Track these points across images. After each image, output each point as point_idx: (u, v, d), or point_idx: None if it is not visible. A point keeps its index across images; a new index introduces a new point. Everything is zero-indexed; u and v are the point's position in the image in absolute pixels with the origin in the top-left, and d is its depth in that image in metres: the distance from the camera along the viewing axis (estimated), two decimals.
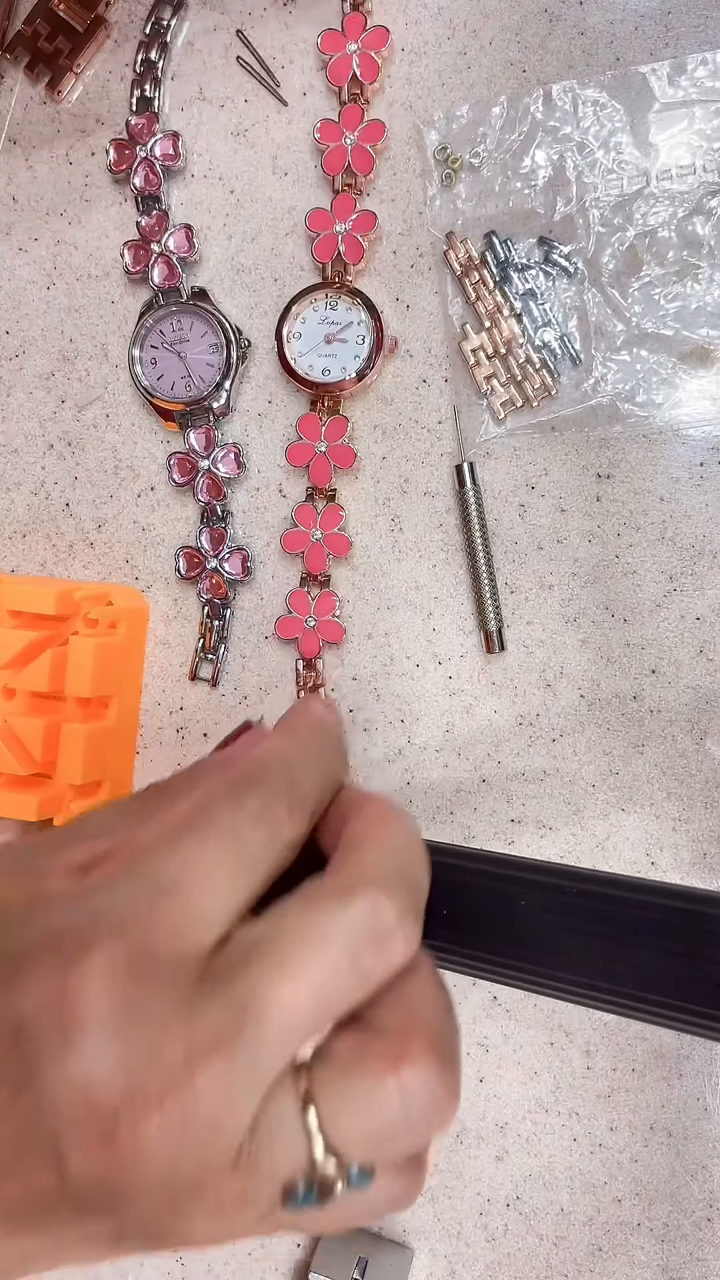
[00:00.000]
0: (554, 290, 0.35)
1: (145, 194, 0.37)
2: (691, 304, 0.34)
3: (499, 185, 0.35)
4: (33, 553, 0.40)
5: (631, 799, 0.35)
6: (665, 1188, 0.35)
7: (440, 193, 0.35)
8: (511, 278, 0.35)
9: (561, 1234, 0.36)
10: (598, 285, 0.35)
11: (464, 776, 0.37)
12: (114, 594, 0.37)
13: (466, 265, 0.35)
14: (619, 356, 0.34)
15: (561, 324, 0.35)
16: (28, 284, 0.39)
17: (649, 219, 0.34)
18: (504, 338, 0.35)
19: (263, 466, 0.38)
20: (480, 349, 0.35)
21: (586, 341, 0.35)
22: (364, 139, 0.35)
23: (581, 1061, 0.36)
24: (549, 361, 0.35)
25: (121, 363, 0.39)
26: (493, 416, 0.36)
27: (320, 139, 0.36)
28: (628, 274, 0.34)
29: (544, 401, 0.35)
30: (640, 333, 0.34)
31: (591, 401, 0.35)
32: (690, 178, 0.34)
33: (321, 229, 0.36)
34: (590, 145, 0.34)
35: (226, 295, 0.38)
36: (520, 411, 0.36)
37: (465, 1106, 0.37)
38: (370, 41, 0.35)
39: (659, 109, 0.34)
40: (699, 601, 0.35)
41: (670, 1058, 0.35)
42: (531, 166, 0.35)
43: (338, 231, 0.36)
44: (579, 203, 0.34)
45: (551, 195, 0.35)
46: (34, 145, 0.39)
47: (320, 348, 0.36)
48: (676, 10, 0.34)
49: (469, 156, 0.35)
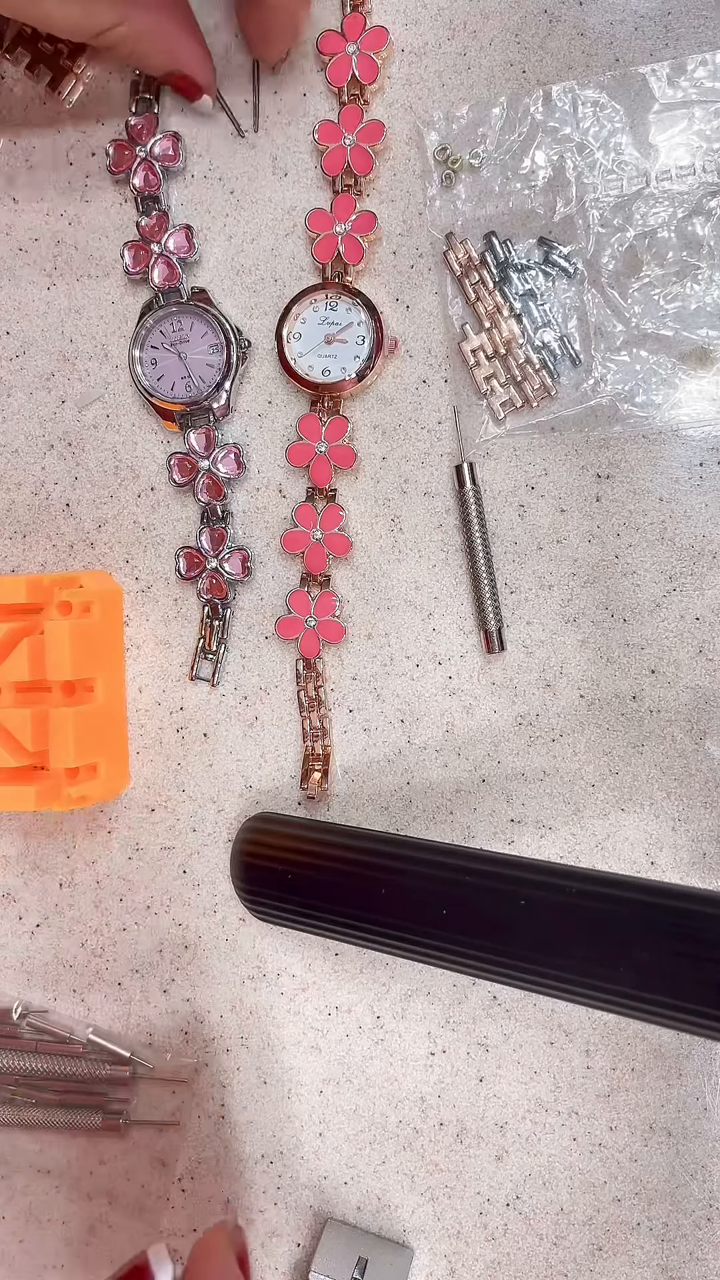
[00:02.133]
0: (554, 291, 0.35)
1: (145, 194, 0.37)
2: (691, 304, 0.34)
3: (499, 186, 0.35)
4: (33, 553, 0.40)
5: (631, 799, 0.35)
6: (665, 1187, 0.35)
7: (440, 193, 0.36)
8: (511, 278, 0.35)
9: (561, 1233, 0.36)
10: (597, 286, 0.35)
11: (464, 776, 0.37)
12: (83, 579, 0.37)
13: (466, 266, 0.35)
14: (619, 357, 0.35)
15: (561, 324, 0.35)
16: (28, 284, 0.39)
17: (649, 219, 0.34)
18: (504, 338, 0.35)
19: (263, 467, 0.38)
20: (480, 349, 0.35)
21: (586, 342, 0.35)
22: (363, 139, 0.35)
23: (581, 1061, 0.36)
24: (549, 362, 0.35)
25: (122, 363, 0.39)
26: (493, 417, 0.36)
27: (320, 140, 0.36)
28: (627, 274, 0.34)
29: (544, 402, 0.35)
30: (640, 333, 0.34)
31: (591, 402, 0.35)
32: (690, 178, 0.34)
33: (321, 229, 0.36)
34: (590, 146, 0.34)
35: (226, 295, 0.38)
36: (520, 412, 0.36)
37: (465, 1106, 0.37)
38: (369, 42, 0.35)
39: (658, 109, 0.34)
40: (699, 601, 0.35)
41: (670, 1057, 0.35)
42: (531, 167, 0.35)
43: (338, 232, 0.36)
44: (579, 203, 0.34)
45: (551, 196, 0.35)
46: (34, 145, 0.39)
47: (320, 348, 0.36)
48: (676, 11, 0.34)
49: (469, 157, 0.35)
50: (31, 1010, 0.40)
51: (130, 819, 0.39)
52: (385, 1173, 0.37)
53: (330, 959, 0.38)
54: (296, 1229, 0.38)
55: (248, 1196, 0.38)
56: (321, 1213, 0.38)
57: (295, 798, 0.38)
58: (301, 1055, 0.38)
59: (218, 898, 0.39)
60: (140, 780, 0.39)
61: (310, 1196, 0.38)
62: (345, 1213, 0.38)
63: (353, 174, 0.36)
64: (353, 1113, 0.37)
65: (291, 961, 0.38)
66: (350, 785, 0.38)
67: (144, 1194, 0.39)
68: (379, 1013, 0.37)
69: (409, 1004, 0.37)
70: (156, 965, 0.39)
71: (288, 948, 0.38)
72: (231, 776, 0.38)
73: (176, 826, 0.39)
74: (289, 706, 0.38)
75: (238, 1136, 0.38)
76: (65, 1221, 0.39)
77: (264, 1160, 0.38)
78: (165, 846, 0.39)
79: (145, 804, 0.39)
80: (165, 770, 0.39)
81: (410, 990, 0.37)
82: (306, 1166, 0.38)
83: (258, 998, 0.38)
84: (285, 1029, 0.38)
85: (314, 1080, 0.38)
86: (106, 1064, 0.38)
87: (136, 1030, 0.39)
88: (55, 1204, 0.40)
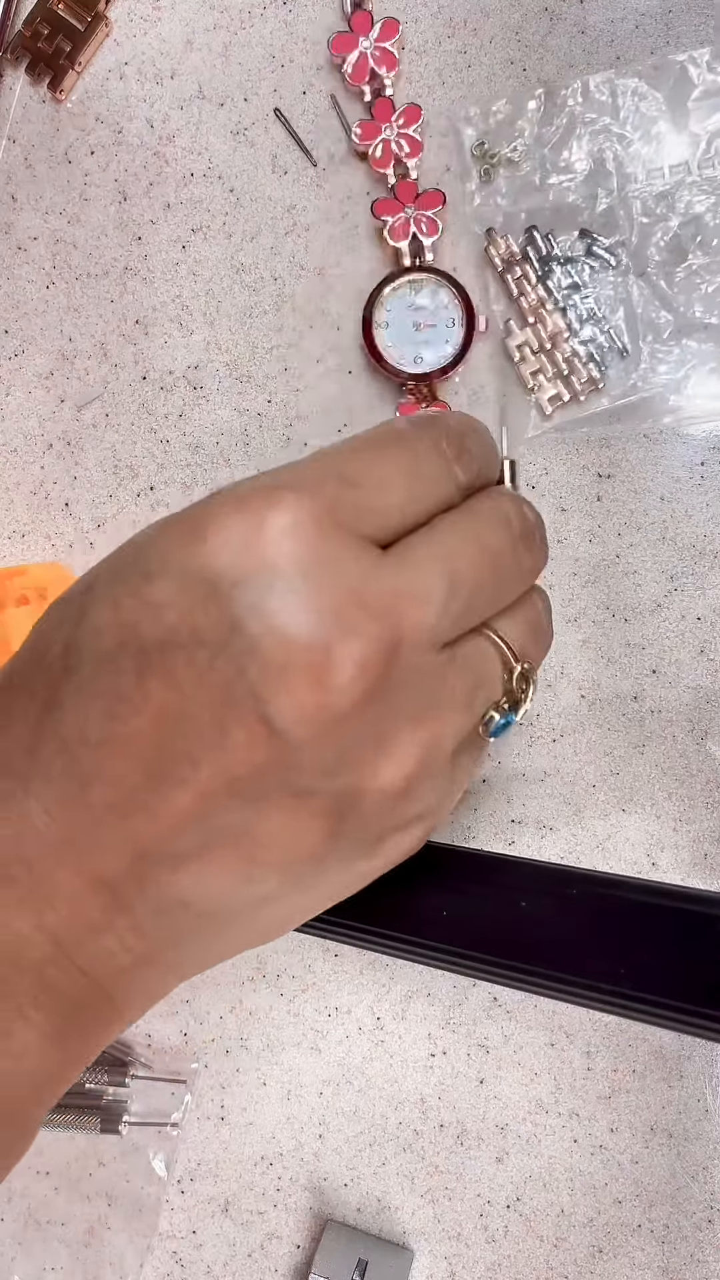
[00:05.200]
0: (598, 283, 0.35)
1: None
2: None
3: (538, 179, 0.35)
4: (33, 553, 0.40)
5: (632, 799, 0.35)
6: (666, 1189, 0.35)
7: (479, 189, 0.35)
8: (554, 272, 0.35)
9: (562, 1235, 0.36)
10: (643, 276, 0.34)
11: None
12: (31, 570, 0.37)
13: (508, 261, 0.35)
14: (667, 347, 0.34)
15: (607, 317, 0.35)
16: (27, 284, 0.39)
17: (693, 207, 0.34)
18: (549, 332, 0.35)
19: (263, 466, 0.38)
20: (525, 344, 0.35)
21: (634, 333, 0.34)
22: (405, 123, 0.35)
23: (582, 1062, 0.36)
24: (595, 355, 0.35)
25: (121, 362, 0.39)
26: (539, 412, 0.36)
27: (361, 139, 0.36)
28: (673, 264, 0.34)
29: (591, 395, 0.35)
30: (688, 322, 0.34)
31: (641, 394, 0.34)
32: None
33: (390, 214, 0.36)
34: (629, 136, 0.34)
35: (226, 294, 0.38)
36: (567, 406, 0.35)
37: (465, 1107, 0.36)
38: (383, 34, 0.35)
39: (698, 96, 0.34)
40: (700, 601, 0.35)
41: (671, 1059, 0.35)
42: (570, 159, 0.35)
43: (408, 215, 0.36)
44: (620, 194, 0.34)
45: (592, 187, 0.34)
46: (33, 145, 0.39)
47: (411, 335, 0.36)
48: (677, 9, 0.34)
49: (507, 151, 0.35)
50: None
51: None
52: (385, 1174, 0.37)
53: (330, 960, 0.38)
54: (296, 1231, 0.38)
55: (247, 1198, 0.38)
56: (321, 1214, 0.38)
57: None
58: (301, 1056, 0.38)
59: None
60: None
61: (310, 1198, 0.38)
62: (345, 1214, 0.37)
63: (403, 163, 0.36)
64: (353, 1114, 0.37)
65: (291, 962, 0.38)
66: None
67: (143, 1196, 0.39)
68: (379, 1014, 0.37)
69: (409, 1005, 0.37)
70: None
71: (288, 948, 0.38)
72: None
73: None
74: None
75: (237, 1138, 0.38)
76: (64, 1223, 0.39)
77: (263, 1162, 0.38)
78: None
79: None
80: None
81: (410, 991, 0.37)
82: (306, 1168, 0.38)
83: (258, 999, 0.38)
84: (285, 1030, 0.38)
85: (314, 1081, 0.38)
86: (105, 1065, 0.38)
87: (136, 1031, 0.39)
88: (54, 1205, 0.39)
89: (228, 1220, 0.38)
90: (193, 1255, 0.38)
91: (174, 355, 0.38)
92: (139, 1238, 0.39)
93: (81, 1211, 0.39)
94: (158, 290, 0.38)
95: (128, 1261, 0.39)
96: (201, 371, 0.38)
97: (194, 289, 0.38)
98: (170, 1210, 0.39)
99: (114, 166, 0.38)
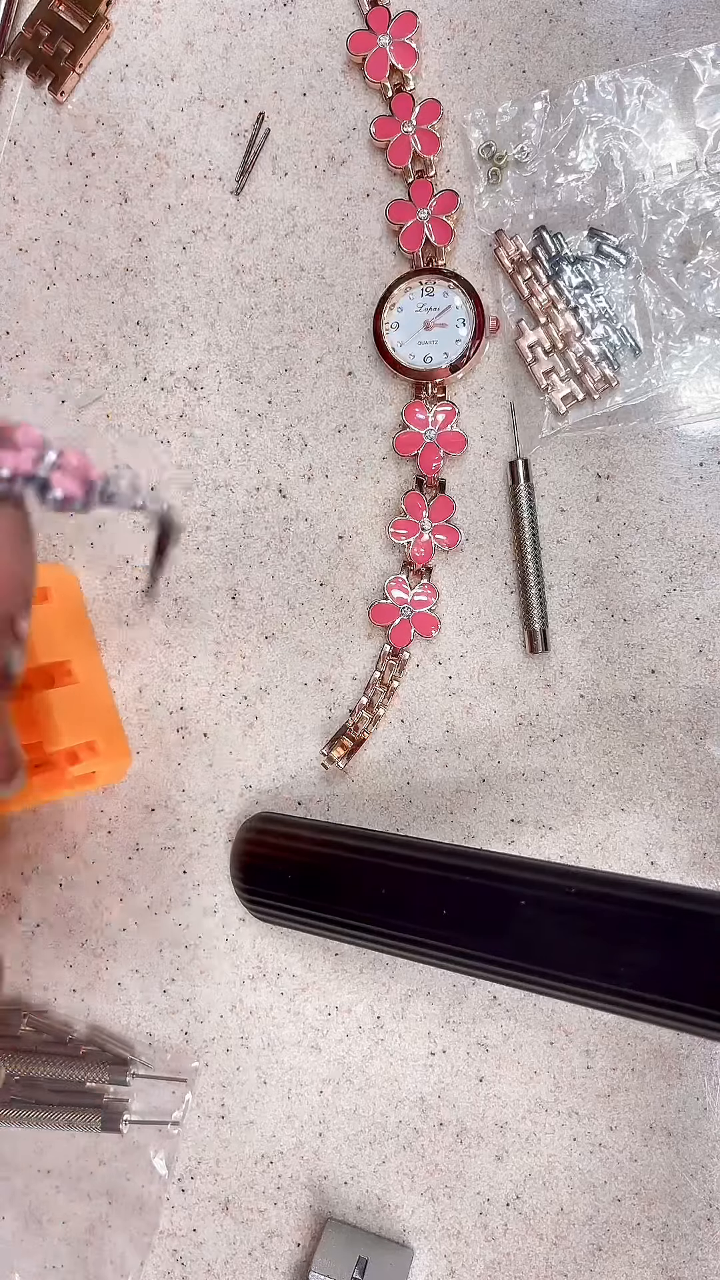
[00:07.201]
0: (608, 281, 0.35)
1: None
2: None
3: (546, 179, 0.35)
4: None
5: (631, 799, 0.35)
6: (665, 1187, 0.35)
7: (487, 191, 0.35)
8: (564, 271, 0.35)
9: (561, 1233, 0.36)
10: (653, 273, 0.34)
11: (464, 776, 0.37)
12: None
13: (518, 261, 0.35)
14: (679, 343, 0.34)
15: (619, 314, 0.35)
16: (27, 284, 0.39)
17: (702, 203, 0.34)
18: (561, 332, 0.35)
19: (263, 467, 0.38)
20: (537, 344, 0.35)
21: (646, 331, 0.34)
22: (422, 120, 0.35)
23: (581, 1061, 0.36)
24: (608, 353, 0.35)
25: (122, 363, 0.39)
26: (554, 411, 0.36)
27: (378, 135, 0.36)
28: (683, 260, 0.34)
29: (605, 394, 0.35)
30: (700, 318, 0.34)
31: (655, 391, 0.35)
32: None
33: (404, 219, 0.36)
34: (636, 134, 0.34)
35: (226, 296, 0.38)
36: (581, 405, 0.35)
37: (465, 1106, 0.37)
38: (399, 29, 0.35)
39: (704, 93, 0.34)
40: (698, 601, 0.35)
41: (670, 1057, 0.35)
42: (577, 159, 0.35)
43: (421, 218, 0.36)
44: (628, 192, 0.34)
45: (600, 186, 0.34)
46: (34, 145, 0.39)
47: (419, 334, 0.36)
48: (676, 11, 0.34)
49: (514, 153, 0.35)
50: (31, 1010, 0.40)
51: (130, 819, 0.39)
52: (385, 1172, 0.37)
53: (330, 959, 0.38)
54: (296, 1229, 0.38)
55: (248, 1196, 0.38)
56: (321, 1213, 0.38)
57: (295, 797, 0.38)
58: (301, 1055, 0.38)
59: (218, 898, 0.39)
60: (140, 780, 0.39)
61: (310, 1196, 0.38)
62: (345, 1213, 0.38)
63: (420, 159, 0.36)
64: (353, 1113, 0.37)
65: (291, 961, 0.38)
66: (351, 785, 0.38)
67: (144, 1194, 0.39)
68: (379, 1013, 0.37)
69: (409, 1004, 0.37)
70: (156, 965, 0.39)
71: (288, 948, 0.38)
72: (231, 776, 0.38)
73: (176, 826, 0.39)
74: (289, 706, 0.38)
75: (237, 1136, 0.38)
76: (65, 1221, 0.39)
77: (264, 1160, 0.38)
78: (165, 846, 0.39)
79: (145, 804, 0.39)
80: (165, 770, 0.39)
81: (410, 990, 0.37)
82: (306, 1166, 0.38)
83: (258, 997, 0.38)
84: (285, 1029, 0.38)
85: (314, 1080, 0.38)
86: (106, 1064, 0.38)
87: (136, 1030, 0.39)
88: (55, 1204, 0.40)
89: (228, 1218, 0.38)
90: (193, 1253, 0.39)
91: (174, 356, 0.38)
92: (140, 1236, 0.39)
93: (82, 1210, 0.39)
94: (158, 291, 0.39)
95: (128, 1259, 0.39)
96: (202, 372, 0.38)
97: (195, 290, 0.38)
98: (171, 1208, 0.39)
99: (115, 168, 0.39)
